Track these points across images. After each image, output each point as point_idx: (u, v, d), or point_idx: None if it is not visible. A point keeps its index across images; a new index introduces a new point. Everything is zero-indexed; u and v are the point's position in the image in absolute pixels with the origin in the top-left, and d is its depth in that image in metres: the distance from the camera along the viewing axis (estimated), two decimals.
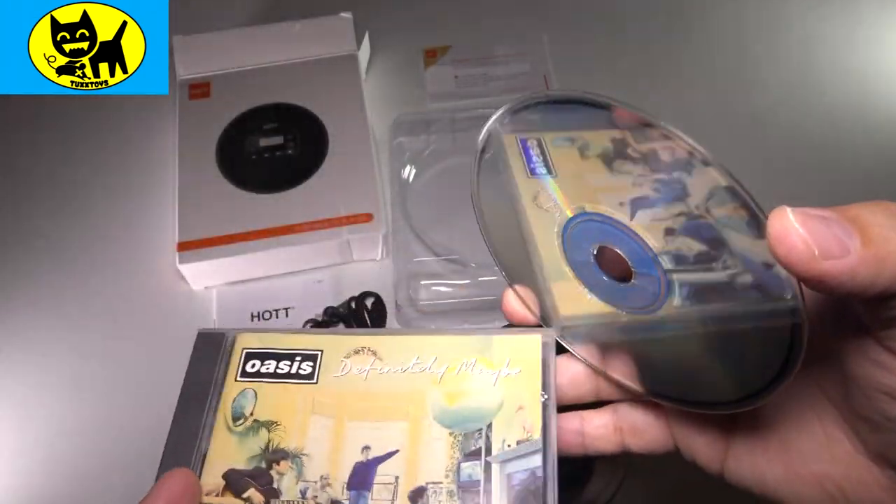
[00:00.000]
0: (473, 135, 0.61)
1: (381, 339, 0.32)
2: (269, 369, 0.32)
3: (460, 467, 0.28)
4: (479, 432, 0.29)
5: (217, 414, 0.31)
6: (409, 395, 0.30)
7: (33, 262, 0.56)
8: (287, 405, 0.31)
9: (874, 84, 0.63)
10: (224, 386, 0.32)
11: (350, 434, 0.30)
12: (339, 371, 0.32)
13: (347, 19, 0.61)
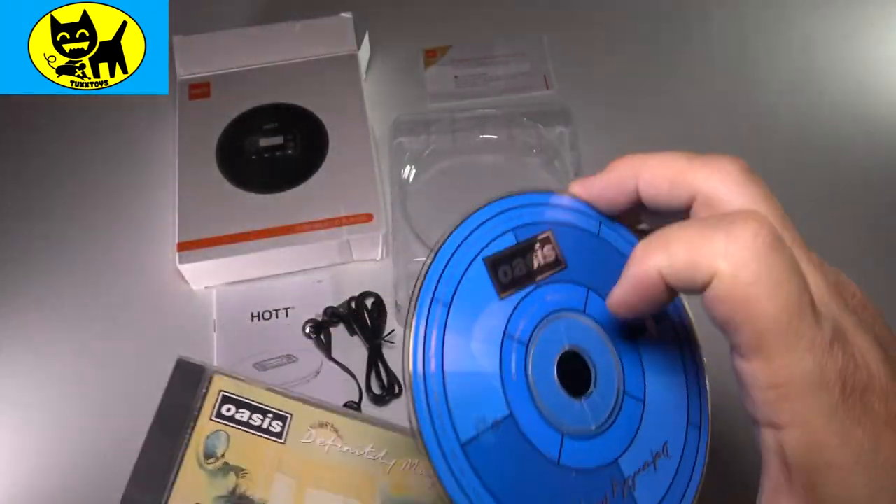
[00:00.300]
0: (473, 135, 0.62)
1: (344, 421, 0.36)
2: (243, 417, 0.35)
3: None
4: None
5: (189, 447, 0.33)
6: (362, 477, 0.34)
7: (33, 262, 0.56)
8: (256, 456, 0.34)
9: (874, 84, 0.63)
10: (198, 421, 0.34)
11: (309, 500, 0.33)
12: (305, 437, 0.35)
13: (347, 19, 0.61)
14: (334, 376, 0.50)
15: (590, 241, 0.29)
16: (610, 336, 0.28)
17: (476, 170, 0.59)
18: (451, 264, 0.27)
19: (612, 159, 0.62)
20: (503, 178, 0.59)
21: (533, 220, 0.28)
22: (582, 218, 0.29)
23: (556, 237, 0.28)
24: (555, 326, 0.27)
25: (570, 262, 0.28)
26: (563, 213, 0.29)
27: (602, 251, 0.29)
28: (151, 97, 0.52)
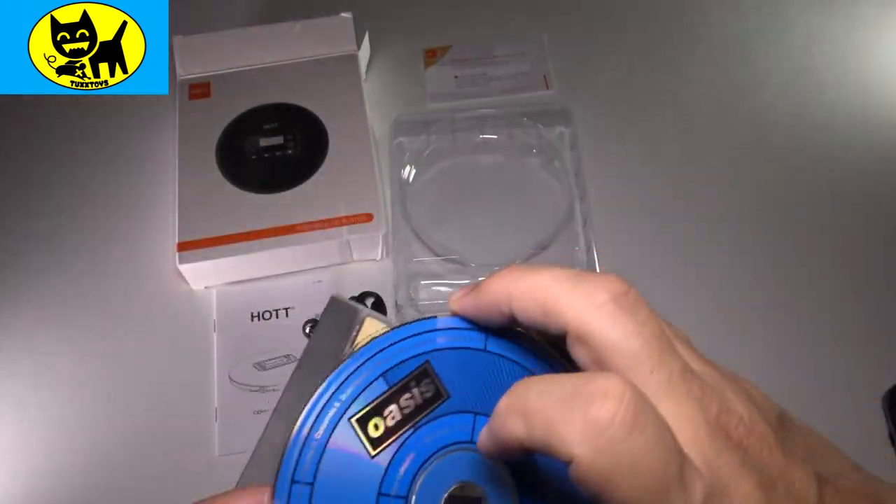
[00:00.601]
0: (473, 135, 0.62)
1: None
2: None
3: None
4: None
5: None
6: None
7: (33, 262, 0.56)
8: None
9: (874, 84, 0.63)
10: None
11: None
12: None
13: (347, 19, 0.61)
14: None
15: (476, 360, 0.27)
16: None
17: (476, 170, 0.60)
18: (313, 432, 0.25)
19: (611, 159, 0.62)
20: (503, 178, 0.59)
21: (408, 355, 0.27)
22: (465, 336, 0.27)
23: (435, 367, 0.27)
24: (439, 467, 0.25)
25: (454, 390, 0.27)
26: (443, 337, 0.27)
27: (491, 366, 0.27)
28: (151, 97, 0.52)
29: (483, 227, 0.56)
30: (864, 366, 0.50)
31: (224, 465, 0.48)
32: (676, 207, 0.57)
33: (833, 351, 0.51)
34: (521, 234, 0.55)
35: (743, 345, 0.52)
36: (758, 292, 0.54)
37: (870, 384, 0.49)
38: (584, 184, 0.57)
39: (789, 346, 0.52)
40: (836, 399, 0.49)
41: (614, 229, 0.56)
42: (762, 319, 0.53)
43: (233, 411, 0.49)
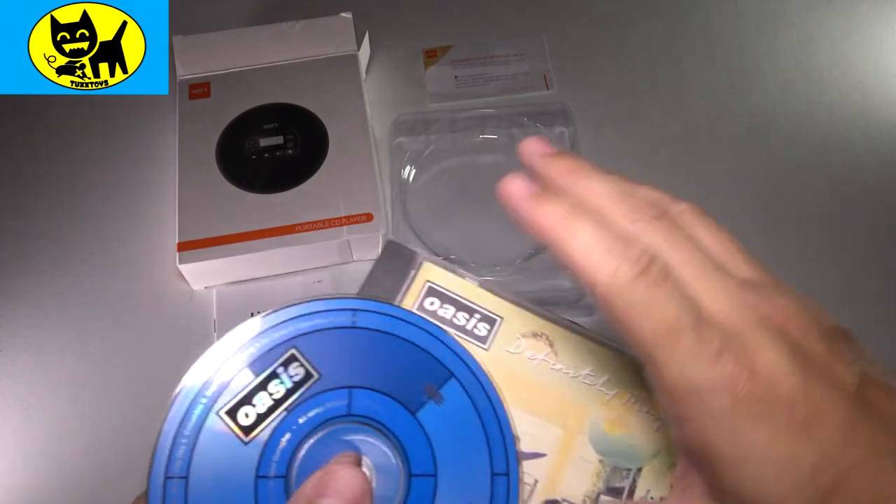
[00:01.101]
0: (473, 135, 0.62)
1: (563, 333, 0.30)
2: (447, 315, 0.31)
3: (599, 498, 0.28)
4: (628, 472, 0.28)
5: None
6: (572, 404, 0.29)
7: (33, 262, 0.56)
8: None
9: (874, 83, 0.63)
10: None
11: None
12: (513, 346, 0.30)
13: (347, 19, 0.61)
14: None
15: (345, 338, 0.28)
16: (386, 424, 0.27)
17: (476, 170, 0.59)
18: (182, 429, 0.26)
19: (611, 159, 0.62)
20: (503, 178, 0.59)
21: (273, 345, 0.27)
22: (332, 316, 0.28)
23: (304, 351, 0.27)
24: (318, 444, 0.26)
25: (325, 369, 0.27)
26: (309, 321, 0.28)
27: (361, 341, 0.28)
28: (151, 97, 0.52)
29: (483, 227, 0.56)
30: None
31: None
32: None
33: None
34: (521, 234, 0.55)
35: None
36: None
37: None
38: None
39: None
40: None
41: None
42: None
43: None
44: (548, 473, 0.28)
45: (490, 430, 0.28)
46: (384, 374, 0.28)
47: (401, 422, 0.27)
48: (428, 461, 0.27)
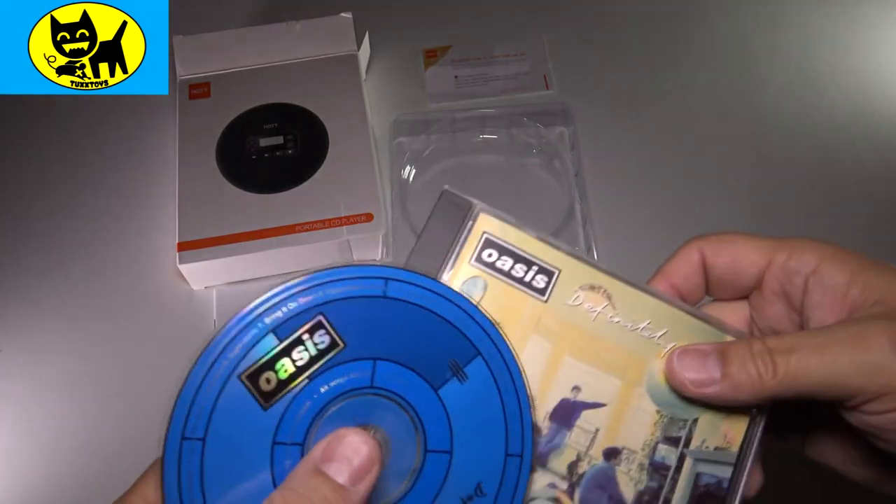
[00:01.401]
0: (473, 135, 0.62)
1: (621, 287, 0.30)
2: (504, 266, 0.30)
3: (657, 447, 0.29)
4: (684, 423, 0.29)
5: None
6: (631, 356, 0.29)
7: (33, 263, 0.56)
8: (513, 312, 0.30)
9: (874, 83, 0.63)
10: (457, 262, 0.30)
11: (564, 368, 0.29)
12: (570, 299, 0.30)
13: (347, 19, 0.61)
14: None
15: (374, 308, 0.28)
16: (407, 399, 0.27)
17: (476, 170, 0.60)
18: (201, 391, 0.25)
19: (611, 159, 0.62)
20: (503, 178, 0.59)
21: (300, 309, 0.27)
22: (363, 284, 0.27)
23: (330, 318, 0.27)
24: (337, 413, 0.26)
25: (350, 339, 0.27)
26: (338, 288, 0.27)
27: (390, 311, 0.28)
28: (151, 97, 0.52)
29: None
30: None
31: None
32: (677, 207, 0.57)
33: None
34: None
35: None
36: None
37: None
38: (584, 184, 0.57)
39: None
40: None
41: (614, 229, 0.56)
42: None
43: None
44: (608, 423, 0.29)
45: (510, 410, 0.28)
46: (410, 347, 0.27)
47: (422, 397, 0.27)
48: (445, 438, 0.27)
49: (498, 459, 0.27)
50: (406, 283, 0.28)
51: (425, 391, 0.27)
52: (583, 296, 0.30)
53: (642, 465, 0.29)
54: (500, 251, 0.31)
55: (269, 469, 0.25)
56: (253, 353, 0.26)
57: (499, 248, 0.31)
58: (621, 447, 0.29)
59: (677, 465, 0.29)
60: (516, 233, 0.31)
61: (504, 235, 0.31)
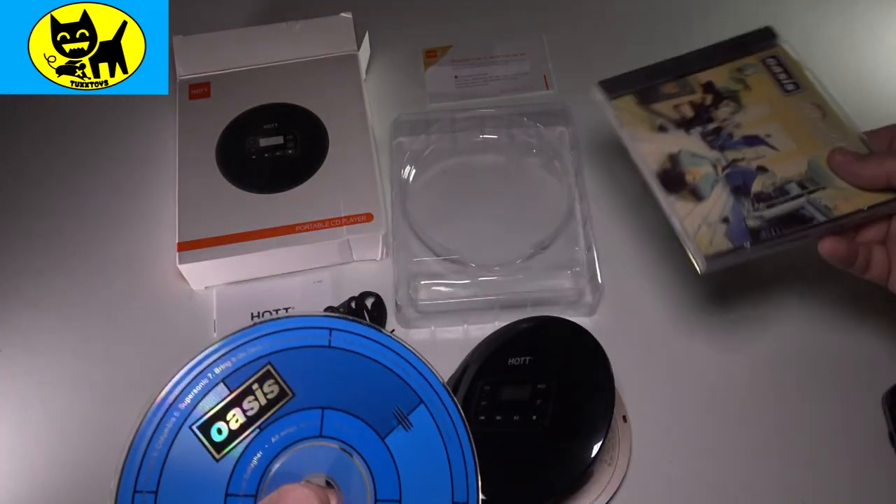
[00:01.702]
0: (473, 135, 0.62)
1: (834, 113, 0.45)
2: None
3: (790, 184, 0.43)
4: (816, 185, 0.42)
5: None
6: (813, 140, 0.44)
7: (33, 262, 0.56)
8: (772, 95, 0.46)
9: (873, 83, 0.63)
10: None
11: (770, 126, 0.45)
12: (806, 107, 0.45)
13: (347, 19, 0.61)
14: None
15: (320, 357, 0.28)
16: (356, 447, 0.28)
17: (476, 170, 0.60)
18: (153, 441, 0.26)
19: (611, 159, 0.62)
20: (503, 178, 0.59)
21: (249, 359, 0.27)
22: (308, 335, 0.28)
23: (278, 367, 0.28)
24: (288, 463, 0.27)
25: (299, 388, 0.28)
26: (284, 339, 0.28)
27: (335, 361, 0.29)
28: (151, 97, 0.52)
29: (483, 227, 0.56)
30: (864, 366, 0.50)
31: None
32: None
33: (834, 350, 0.51)
34: (521, 234, 0.55)
35: (743, 340, 0.52)
36: (757, 291, 0.54)
37: (870, 384, 0.49)
38: (584, 184, 0.57)
39: (789, 345, 0.52)
40: (836, 398, 0.49)
41: (614, 229, 0.56)
42: (762, 316, 0.53)
43: None
44: (772, 157, 0.43)
45: (454, 458, 0.29)
46: (356, 395, 0.28)
47: (370, 445, 0.28)
48: (394, 486, 0.28)
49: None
50: (349, 332, 0.29)
51: (373, 439, 0.28)
52: (811, 108, 0.45)
53: (774, 183, 0.42)
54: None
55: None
56: (204, 403, 0.27)
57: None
58: (770, 169, 0.42)
59: (795, 196, 0.41)
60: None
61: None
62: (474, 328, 0.52)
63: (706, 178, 0.43)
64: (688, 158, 0.44)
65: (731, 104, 0.46)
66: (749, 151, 0.43)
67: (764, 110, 0.45)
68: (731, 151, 0.44)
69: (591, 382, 0.42)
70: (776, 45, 0.47)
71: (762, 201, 0.42)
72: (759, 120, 0.44)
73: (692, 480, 0.47)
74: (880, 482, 0.47)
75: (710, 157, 0.44)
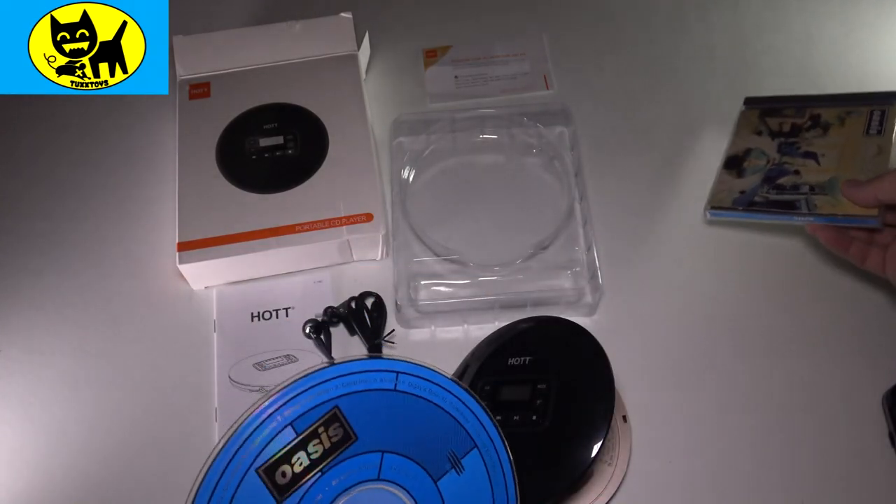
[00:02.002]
0: (473, 135, 0.62)
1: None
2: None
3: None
4: (826, 191, 0.49)
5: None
6: (848, 163, 0.51)
7: (33, 262, 0.56)
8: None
9: (874, 83, 0.63)
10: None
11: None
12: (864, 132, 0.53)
13: (347, 19, 0.61)
14: None
15: (385, 400, 0.29)
16: (411, 489, 0.28)
17: (476, 170, 0.60)
18: (221, 483, 0.27)
19: (611, 159, 0.62)
20: (503, 178, 0.59)
21: (317, 402, 0.29)
22: (376, 378, 0.29)
23: (345, 411, 0.29)
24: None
25: (362, 431, 0.28)
26: (353, 382, 0.29)
27: (399, 405, 0.30)
28: (151, 97, 0.52)
29: (483, 227, 0.56)
30: (865, 366, 0.50)
31: None
32: (676, 207, 0.57)
33: (834, 350, 0.51)
34: (521, 234, 0.55)
35: (744, 340, 0.52)
36: (757, 289, 0.54)
37: (870, 384, 0.49)
38: (584, 184, 0.57)
39: (790, 345, 0.52)
40: (836, 398, 0.49)
41: (614, 229, 0.56)
42: (763, 317, 0.53)
43: (233, 411, 0.49)
44: (809, 169, 0.52)
45: (498, 501, 0.29)
46: (415, 439, 0.29)
47: (424, 489, 0.29)
48: None
49: None
50: (415, 376, 0.30)
51: (427, 483, 0.29)
52: (874, 147, 0.51)
53: (796, 182, 0.50)
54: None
55: None
56: (271, 446, 0.27)
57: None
58: (801, 173, 0.51)
59: (802, 192, 0.49)
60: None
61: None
62: (474, 328, 0.52)
63: (755, 167, 0.53)
64: (756, 153, 0.55)
65: (820, 131, 0.54)
66: (799, 160, 0.52)
67: (838, 140, 0.53)
68: (787, 157, 0.53)
69: (591, 382, 0.42)
70: (891, 104, 0.53)
71: (776, 188, 0.51)
72: (827, 145, 0.53)
73: (692, 480, 0.47)
74: (880, 482, 0.47)
75: (770, 155, 0.54)
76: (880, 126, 0.52)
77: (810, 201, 0.49)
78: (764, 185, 0.52)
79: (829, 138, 0.53)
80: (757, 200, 0.51)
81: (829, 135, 0.53)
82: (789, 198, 0.50)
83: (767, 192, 0.51)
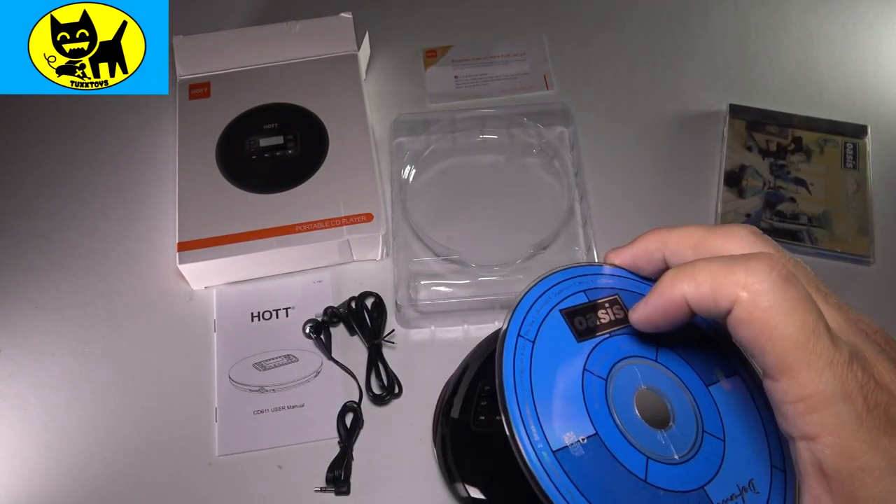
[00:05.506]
0: (473, 135, 0.62)
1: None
2: None
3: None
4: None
5: None
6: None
7: (33, 263, 0.56)
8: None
9: (874, 83, 0.63)
10: None
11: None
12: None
13: (347, 19, 0.61)
14: (334, 376, 0.50)
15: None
16: (684, 382, 0.30)
17: (476, 170, 0.60)
18: (531, 313, 0.30)
19: (611, 159, 0.62)
20: (503, 178, 0.59)
21: (600, 285, 0.32)
22: (643, 287, 0.32)
23: (624, 301, 0.31)
24: (630, 369, 0.30)
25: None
26: (626, 283, 0.32)
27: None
28: (151, 97, 0.52)
29: (483, 227, 0.56)
30: None
31: (224, 465, 0.48)
32: (676, 207, 0.57)
33: None
34: (521, 234, 0.55)
35: None
36: None
37: None
38: (584, 184, 0.57)
39: None
40: None
41: (614, 229, 0.56)
42: None
43: (233, 411, 0.49)
44: (802, 197, 0.57)
45: (769, 427, 0.30)
46: (685, 346, 0.31)
47: (696, 386, 0.30)
48: (718, 426, 0.30)
49: (765, 467, 0.29)
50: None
51: (698, 383, 0.31)
52: (853, 183, 0.58)
53: (794, 210, 0.56)
54: None
55: (580, 386, 0.29)
56: (569, 300, 0.31)
57: None
58: (797, 201, 0.56)
59: (802, 223, 0.55)
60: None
61: None
62: (474, 328, 0.52)
63: (754, 188, 0.58)
64: (751, 172, 0.58)
65: (803, 156, 0.59)
66: (792, 186, 0.58)
67: (821, 170, 0.58)
68: (780, 181, 0.58)
69: None
70: (862, 139, 0.59)
71: (777, 216, 0.56)
72: (813, 173, 0.58)
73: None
74: None
75: (765, 177, 0.58)
76: (854, 161, 0.58)
77: (811, 234, 0.55)
78: (766, 210, 0.57)
79: (812, 165, 0.59)
80: (762, 227, 0.55)
81: (812, 162, 0.59)
82: (792, 227, 0.56)
83: (771, 219, 0.56)
